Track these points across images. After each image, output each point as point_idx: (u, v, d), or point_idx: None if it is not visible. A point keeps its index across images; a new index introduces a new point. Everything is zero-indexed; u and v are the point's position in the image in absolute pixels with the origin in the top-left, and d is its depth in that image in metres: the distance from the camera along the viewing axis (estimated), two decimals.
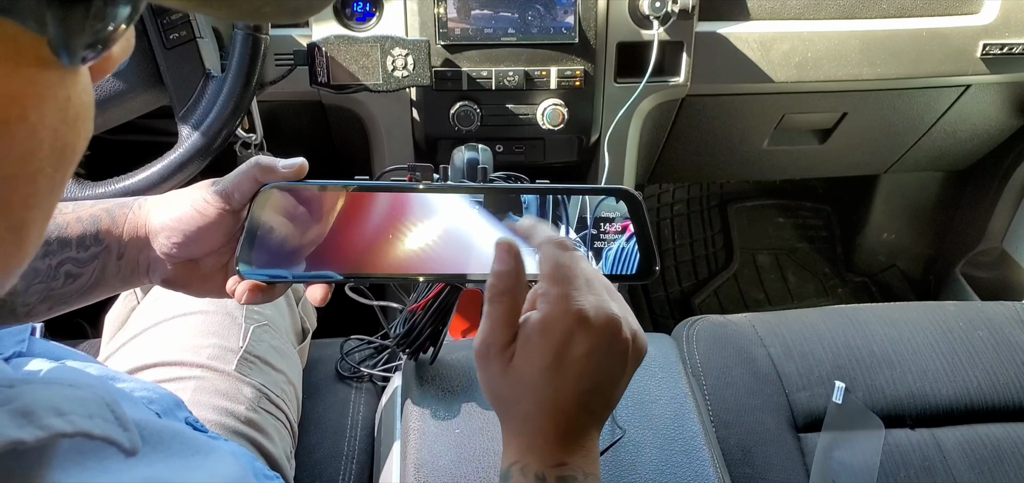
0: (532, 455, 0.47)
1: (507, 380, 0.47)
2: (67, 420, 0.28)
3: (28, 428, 0.27)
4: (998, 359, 0.89)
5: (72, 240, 0.55)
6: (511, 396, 0.47)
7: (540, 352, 0.46)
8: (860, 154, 1.48)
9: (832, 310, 0.97)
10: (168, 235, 0.55)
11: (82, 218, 0.56)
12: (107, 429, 0.30)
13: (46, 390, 0.29)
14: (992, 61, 1.17)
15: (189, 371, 0.74)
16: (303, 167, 0.56)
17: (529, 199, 0.57)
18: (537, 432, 0.47)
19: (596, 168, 1.17)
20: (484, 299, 0.48)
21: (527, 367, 0.46)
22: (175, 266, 0.57)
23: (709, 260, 1.91)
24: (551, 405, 0.46)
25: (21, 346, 0.43)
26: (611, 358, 0.47)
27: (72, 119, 0.26)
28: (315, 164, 0.59)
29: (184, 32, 0.84)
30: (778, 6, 1.13)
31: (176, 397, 0.56)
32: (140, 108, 0.89)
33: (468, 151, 0.82)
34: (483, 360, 0.48)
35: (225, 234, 0.56)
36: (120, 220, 0.56)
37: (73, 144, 0.27)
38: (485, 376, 0.48)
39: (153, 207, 0.57)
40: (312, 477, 0.82)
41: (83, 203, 0.57)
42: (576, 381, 0.46)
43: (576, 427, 0.47)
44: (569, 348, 0.45)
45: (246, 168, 0.54)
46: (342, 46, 0.96)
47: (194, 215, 0.54)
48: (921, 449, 0.82)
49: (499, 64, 1.05)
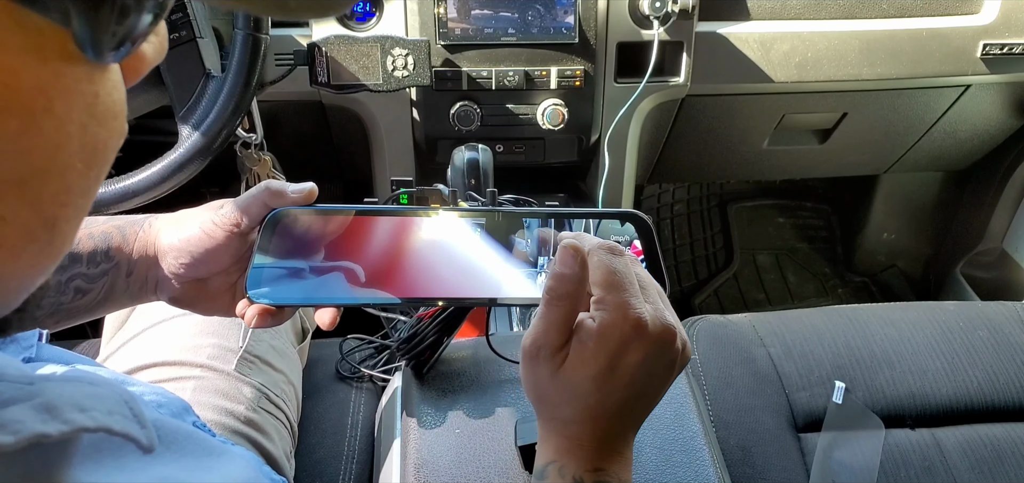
0: (570, 458, 0.47)
1: (555, 384, 0.46)
2: (89, 416, 0.29)
3: (52, 423, 0.27)
4: (998, 359, 0.89)
5: (83, 256, 0.55)
6: (556, 400, 0.47)
7: (594, 360, 0.45)
8: (860, 154, 1.48)
9: (832, 310, 0.97)
10: (176, 255, 0.56)
11: (94, 234, 0.56)
12: (127, 426, 0.30)
13: (67, 387, 0.29)
14: (992, 61, 1.17)
15: (189, 371, 0.74)
16: (313, 192, 0.56)
17: (533, 222, 0.57)
18: (578, 437, 0.47)
19: (596, 168, 1.17)
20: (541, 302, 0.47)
21: (578, 374, 0.46)
22: (183, 285, 0.58)
23: (709, 260, 1.91)
24: (597, 412, 0.46)
25: (30, 352, 0.43)
26: (661, 366, 0.47)
27: (101, 116, 0.26)
28: (315, 164, 0.59)
29: (184, 32, 0.84)
30: (778, 6, 1.13)
31: (184, 401, 0.56)
32: (140, 108, 0.89)
33: (468, 151, 0.82)
34: (532, 361, 0.47)
35: (233, 256, 0.57)
36: (131, 238, 0.57)
37: (104, 142, 0.27)
38: (532, 377, 0.48)
39: (163, 227, 0.58)
40: (312, 477, 0.82)
41: (95, 218, 0.58)
42: (624, 389, 0.46)
43: (616, 433, 0.47)
44: (623, 356, 0.45)
45: (256, 192, 0.55)
46: (342, 46, 0.96)
47: (202, 237, 0.55)
48: (921, 449, 0.82)
49: (499, 64, 1.05)
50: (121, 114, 0.28)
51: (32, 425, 0.26)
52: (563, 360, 0.46)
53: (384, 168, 1.19)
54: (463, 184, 0.82)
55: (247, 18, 0.82)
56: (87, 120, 0.25)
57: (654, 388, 0.48)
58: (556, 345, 0.46)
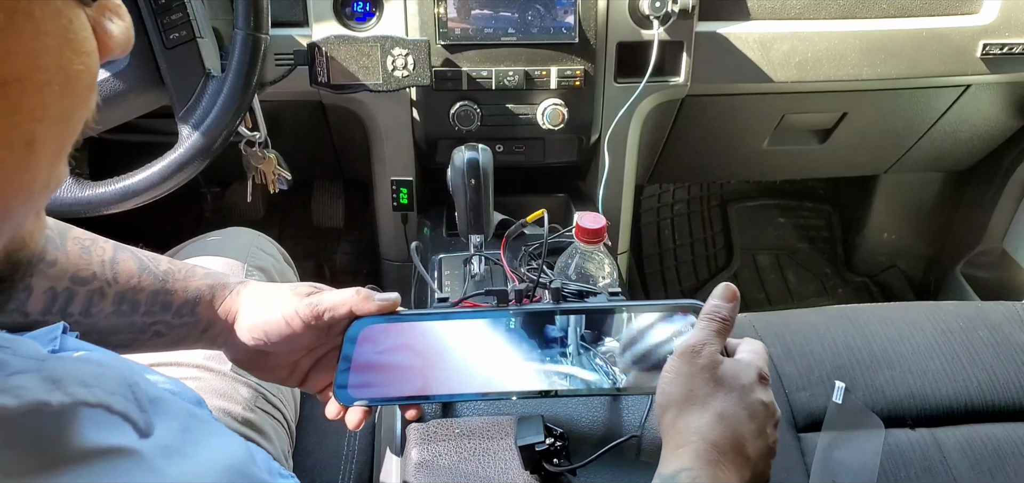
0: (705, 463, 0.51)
1: (708, 376, 0.54)
2: (91, 391, 0.31)
3: (55, 393, 0.30)
4: (998, 359, 0.89)
5: (173, 306, 0.59)
6: (704, 393, 0.53)
7: (746, 371, 0.55)
8: (860, 154, 1.48)
9: (832, 310, 0.97)
10: (252, 333, 0.60)
11: (188, 290, 0.60)
12: (126, 406, 0.33)
13: (75, 364, 0.32)
14: (992, 61, 1.17)
15: (185, 371, 0.74)
16: (396, 301, 0.62)
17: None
18: (715, 441, 0.51)
19: (596, 168, 1.17)
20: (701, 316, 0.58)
21: (732, 374, 0.54)
22: (249, 355, 0.62)
23: (709, 260, 1.91)
24: (730, 421, 0.52)
25: (54, 343, 0.45)
26: (762, 427, 0.53)
27: (75, 46, 0.29)
28: (315, 164, 0.61)
29: (184, 32, 0.84)
30: (778, 6, 1.13)
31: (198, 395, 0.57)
32: (140, 108, 0.89)
33: (468, 151, 0.82)
34: (692, 355, 0.55)
35: (306, 346, 0.61)
36: (218, 301, 0.61)
37: (78, 73, 0.29)
38: (687, 370, 0.54)
39: (246, 301, 0.61)
40: (311, 477, 0.82)
41: (196, 273, 0.61)
42: (749, 419, 0.53)
43: (720, 459, 0.51)
44: (758, 388, 0.54)
45: (347, 297, 0.60)
46: (342, 46, 0.96)
47: (282, 325, 0.59)
48: (921, 449, 0.82)
49: (499, 64, 1.05)
50: (93, 53, 0.30)
51: (36, 393, 0.29)
52: (720, 363, 0.54)
53: (384, 168, 1.19)
54: (463, 184, 0.82)
55: (247, 18, 0.82)
56: (62, 44, 0.28)
57: (757, 449, 0.53)
58: (717, 348, 0.55)
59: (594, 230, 0.74)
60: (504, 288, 0.67)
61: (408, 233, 1.25)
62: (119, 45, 0.32)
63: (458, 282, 0.92)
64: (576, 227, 0.75)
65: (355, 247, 1.73)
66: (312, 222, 1.75)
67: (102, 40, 0.31)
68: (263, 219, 1.71)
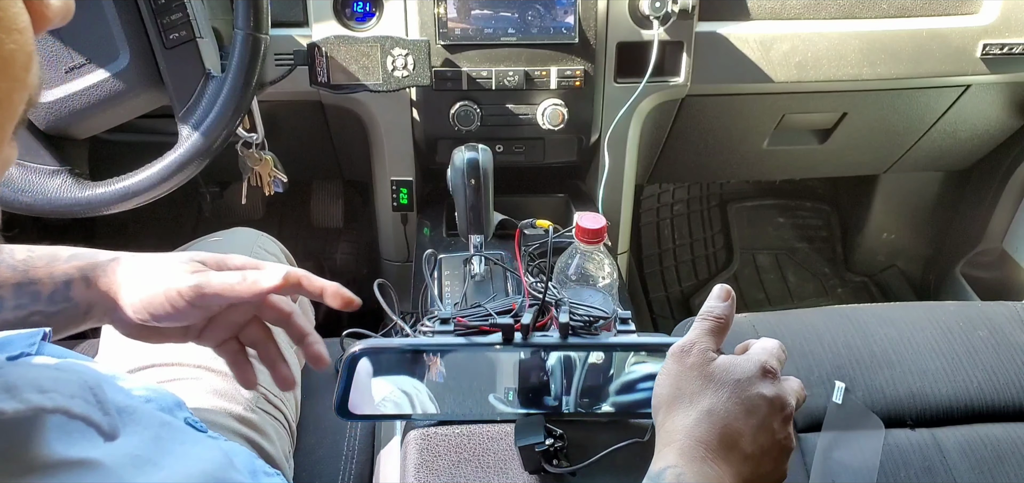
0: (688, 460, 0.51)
1: (697, 374, 0.54)
2: (48, 397, 0.30)
3: (10, 401, 0.28)
4: (998, 359, 0.89)
5: (42, 297, 0.58)
6: (693, 390, 0.53)
7: (740, 367, 0.54)
8: (860, 154, 1.48)
9: (832, 310, 0.97)
10: (136, 312, 0.58)
11: (55, 277, 0.58)
12: (87, 410, 0.32)
13: (31, 370, 0.31)
14: (992, 61, 1.17)
15: (187, 371, 0.74)
16: (326, 292, 0.60)
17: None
18: (702, 438, 0.51)
19: (596, 168, 1.17)
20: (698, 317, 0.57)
21: (723, 370, 0.53)
22: (136, 329, 0.60)
23: (709, 260, 1.91)
24: (721, 417, 0.52)
25: (31, 348, 0.44)
26: (764, 422, 0.52)
27: (6, 25, 0.27)
28: (315, 164, 0.61)
29: (184, 32, 0.84)
30: (778, 6, 1.13)
31: (176, 397, 0.56)
32: (140, 108, 0.89)
33: (468, 151, 0.82)
34: (683, 354, 0.55)
35: (194, 317, 0.59)
36: (93, 282, 0.59)
37: (11, 53, 0.28)
38: (677, 368, 0.54)
39: (125, 278, 0.59)
40: (312, 477, 0.82)
41: (59, 255, 0.59)
42: (746, 416, 0.52)
43: (708, 455, 0.51)
44: (759, 382, 0.53)
45: (235, 288, 0.57)
46: (342, 46, 0.96)
47: (166, 306, 0.57)
48: (921, 449, 0.82)
49: (499, 64, 1.05)
50: (25, 30, 0.29)
51: None
52: (712, 361, 0.54)
53: (384, 168, 1.19)
54: (463, 184, 0.82)
55: (247, 18, 0.82)
56: None
57: (759, 444, 0.52)
58: (708, 347, 0.55)
59: (594, 230, 0.74)
60: (508, 321, 0.64)
61: (408, 233, 1.25)
62: (57, 13, 0.30)
63: (458, 282, 0.92)
64: (576, 227, 0.75)
65: (354, 247, 1.73)
66: (312, 222, 1.75)
67: (37, 12, 0.29)
68: (263, 219, 1.71)
